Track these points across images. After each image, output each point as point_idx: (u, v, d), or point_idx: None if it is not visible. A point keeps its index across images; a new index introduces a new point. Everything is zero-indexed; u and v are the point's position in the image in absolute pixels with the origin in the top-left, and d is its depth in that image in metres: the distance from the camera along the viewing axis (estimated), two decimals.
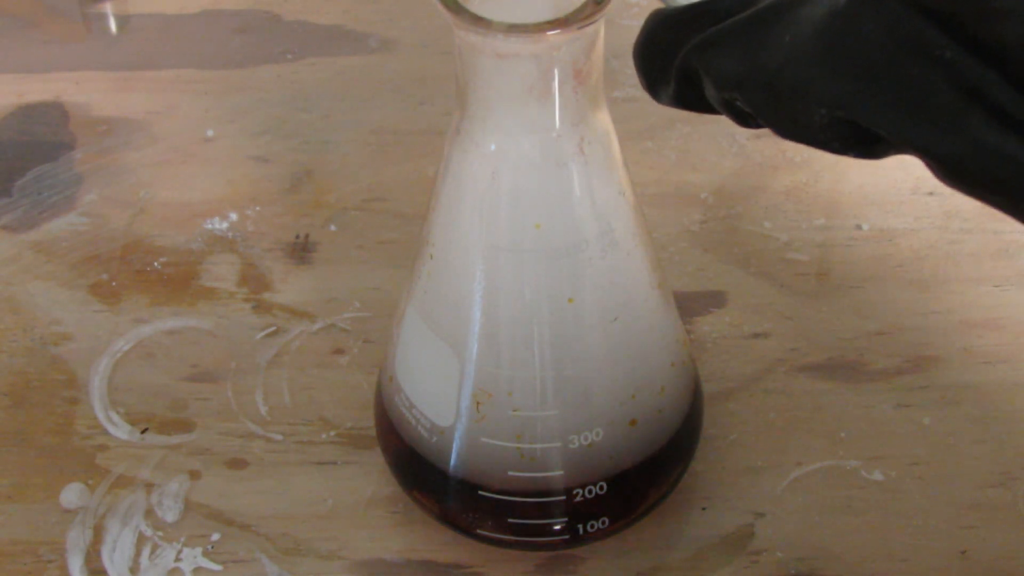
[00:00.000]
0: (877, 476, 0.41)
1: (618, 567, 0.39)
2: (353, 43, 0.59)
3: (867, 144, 0.25)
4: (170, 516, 0.41)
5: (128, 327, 0.47)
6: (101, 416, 0.44)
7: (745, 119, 0.27)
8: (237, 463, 0.42)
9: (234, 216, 0.50)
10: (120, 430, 0.43)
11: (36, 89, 0.57)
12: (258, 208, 0.51)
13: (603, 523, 0.38)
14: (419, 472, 0.39)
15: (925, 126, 0.23)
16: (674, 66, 0.27)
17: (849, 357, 0.45)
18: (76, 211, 0.51)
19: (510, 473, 0.37)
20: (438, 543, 0.40)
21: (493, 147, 0.32)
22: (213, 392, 0.44)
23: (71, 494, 0.42)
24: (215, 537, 0.40)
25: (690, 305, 0.46)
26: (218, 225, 0.50)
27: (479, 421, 0.36)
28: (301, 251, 0.49)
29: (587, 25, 0.29)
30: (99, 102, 0.56)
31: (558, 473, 0.37)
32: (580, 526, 0.38)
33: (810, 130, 0.25)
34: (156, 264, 0.49)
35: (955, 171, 0.23)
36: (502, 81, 0.31)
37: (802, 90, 0.25)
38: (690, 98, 0.28)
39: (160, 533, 0.40)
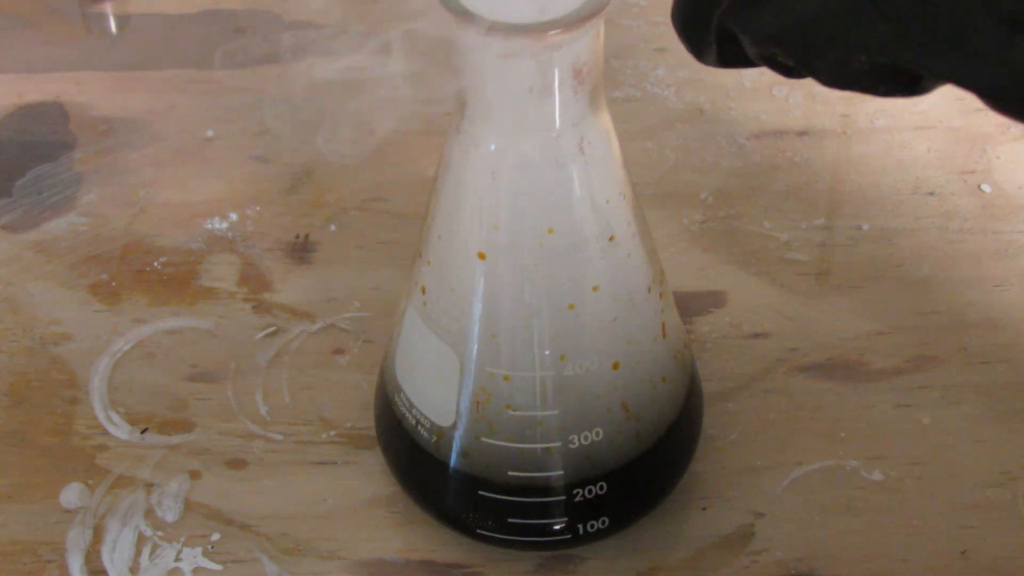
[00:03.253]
0: (877, 476, 0.41)
1: (618, 567, 0.39)
2: (353, 43, 0.59)
3: (911, 84, 0.25)
4: (170, 516, 0.41)
5: (128, 327, 0.47)
6: (101, 416, 0.44)
7: (788, 71, 0.27)
8: (237, 463, 0.42)
9: (234, 216, 0.50)
10: (120, 430, 0.43)
11: (36, 89, 0.57)
12: (258, 208, 0.51)
13: (603, 523, 0.38)
14: (419, 472, 0.39)
15: (967, 61, 0.23)
16: (711, 29, 0.28)
17: (849, 357, 0.45)
18: (76, 211, 0.51)
19: (510, 473, 0.37)
20: (438, 543, 0.40)
21: (493, 147, 0.32)
22: (213, 392, 0.44)
23: (71, 494, 0.42)
24: (215, 537, 0.40)
25: (690, 305, 0.46)
26: (218, 225, 0.50)
27: (479, 421, 0.36)
28: (301, 251, 0.49)
29: (587, 25, 0.29)
30: (99, 102, 0.56)
31: (558, 473, 0.37)
32: (580, 526, 0.38)
33: (853, 76, 0.25)
34: (156, 264, 0.49)
35: (1002, 100, 0.24)
36: (502, 81, 0.31)
37: (840, 39, 0.25)
38: (733, 57, 0.28)
39: (160, 533, 0.40)
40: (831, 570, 0.39)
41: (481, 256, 0.34)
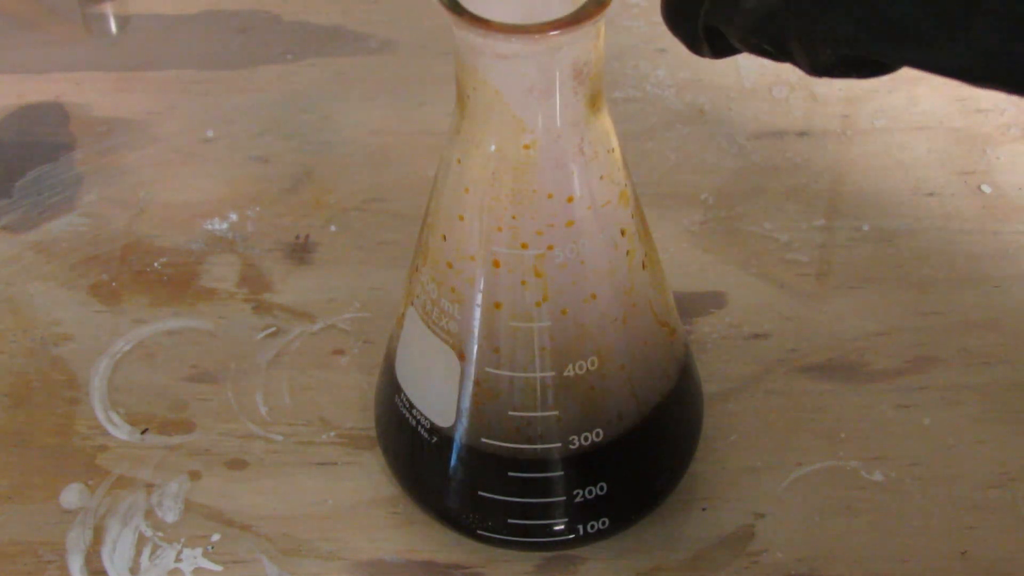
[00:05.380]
0: (877, 476, 0.41)
1: (618, 567, 0.39)
2: (353, 43, 0.59)
3: (878, 67, 0.26)
4: (170, 517, 0.41)
5: (128, 327, 0.47)
6: (101, 417, 0.44)
7: (774, 57, 0.28)
8: (237, 463, 0.42)
9: (234, 216, 0.50)
10: (120, 430, 0.43)
11: (36, 89, 0.57)
12: (258, 208, 0.51)
13: (603, 523, 0.38)
14: (419, 473, 0.39)
15: (929, 47, 0.24)
16: (699, 26, 0.29)
17: (849, 357, 0.45)
18: (76, 211, 0.51)
19: (510, 474, 0.37)
20: (438, 543, 0.40)
21: (493, 147, 0.32)
22: (213, 392, 0.44)
23: (71, 494, 0.42)
24: (215, 538, 0.40)
25: (690, 305, 0.46)
26: (218, 225, 0.50)
27: (479, 421, 0.36)
28: (301, 252, 0.49)
29: (587, 26, 0.29)
30: (99, 102, 0.56)
31: (558, 474, 0.37)
32: (580, 527, 0.38)
33: (825, 66, 0.26)
34: (156, 264, 0.49)
35: (972, 81, 0.24)
36: (502, 81, 0.31)
37: (806, 33, 0.26)
38: (724, 49, 0.29)
39: (160, 534, 0.40)
40: (831, 570, 0.39)
41: (481, 256, 0.34)
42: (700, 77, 0.55)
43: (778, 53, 0.27)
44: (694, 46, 0.30)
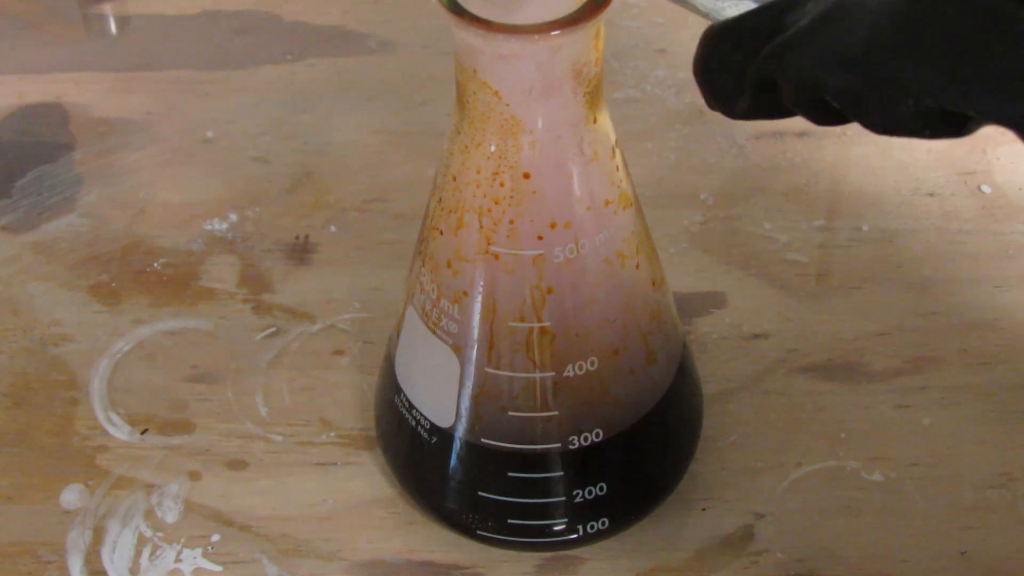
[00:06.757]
0: (877, 477, 0.41)
1: (618, 567, 0.39)
2: (353, 43, 0.59)
3: (957, 126, 0.24)
4: (170, 517, 0.41)
5: (128, 328, 0.47)
6: (101, 417, 0.44)
7: (829, 118, 0.26)
8: (237, 464, 0.42)
9: (234, 217, 0.50)
10: (120, 431, 0.43)
11: (36, 90, 0.57)
12: (258, 209, 0.51)
13: (603, 524, 0.38)
14: (419, 473, 0.39)
15: (1017, 102, 0.23)
16: (747, 78, 0.27)
17: (849, 358, 0.45)
18: (76, 212, 0.51)
19: (510, 474, 0.37)
20: (438, 544, 0.40)
21: (493, 147, 0.32)
22: (213, 393, 0.44)
23: (71, 495, 0.42)
24: (215, 538, 0.40)
25: (690, 305, 0.46)
26: (218, 226, 0.50)
27: (479, 422, 0.36)
28: (301, 252, 0.49)
29: (587, 26, 0.29)
30: (99, 103, 0.56)
31: (558, 474, 0.37)
32: (580, 527, 0.38)
33: (900, 121, 0.25)
34: (156, 265, 0.49)
35: None
36: (502, 82, 0.31)
37: (887, 82, 0.24)
38: (767, 107, 0.27)
39: (160, 534, 0.40)
40: (831, 571, 0.39)
41: (481, 257, 0.34)
42: None
43: (847, 107, 0.25)
44: (727, 101, 0.28)
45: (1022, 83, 0.23)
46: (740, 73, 0.27)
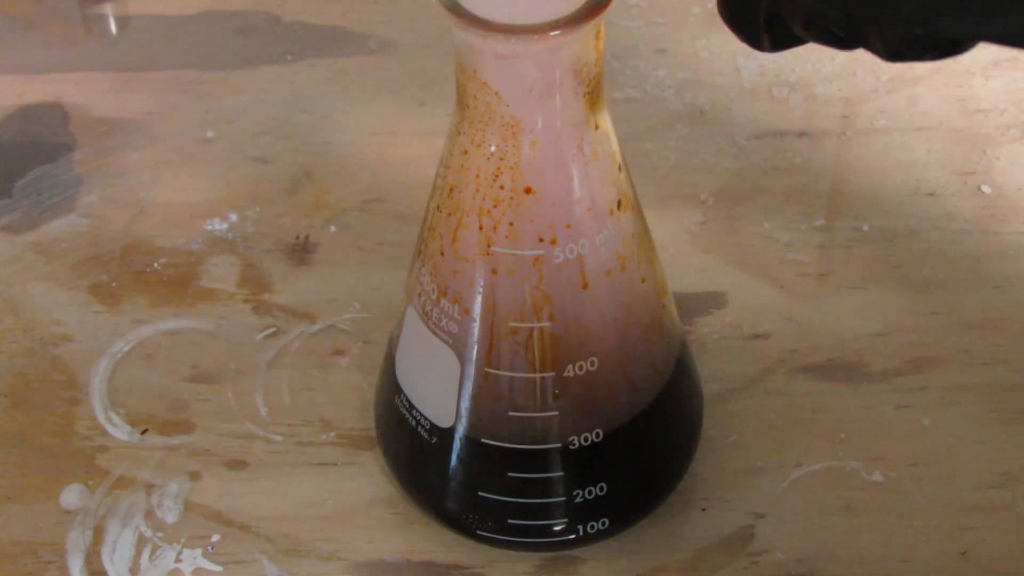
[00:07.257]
0: (877, 477, 0.41)
1: (618, 568, 0.39)
2: (353, 43, 0.59)
3: (953, 48, 0.26)
4: (170, 517, 0.41)
5: (128, 328, 0.47)
6: (101, 417, 0.44)
7: (843, 44, 0.28)
8: (237, 464, 0.42)
9: (234, 217, 0.50)
10: (120, 431, 0.43)
11: (36, 90, 0.57)
12: (258, 209, 0.51)
13: (603, 524, 0.38)
14: (419, 473, 0.39)
15: (1005, 22, 0.24)
16: (760, 16, 0.29)
17: (849, 358, 0.45)
18: (76, 212, 0.51)
19: (510, 474, 0.37)
20: (438, 544, 0.40)
21: (493, 148, 0.32)
22: (213, 393, 0.44)
23: (71, 495, 0.42)
24: (215, 538, 0.40)
25: (690, 305, 0.46)
26: (218, 226, 0.50)
27: (479, 422, 0.36)
28: (301, 252, 0.49)
29: (587, 26, 0.29)
30: (99, 103, 0.56)
31: (558, 474, 0.37)
32: (580, 527, 0.38)
33: (899, 48, 0.26)
34: (156, 265, 0.49)
35: None
36: (502, 82, 0.31)
37: (876, 15, 0.26)
38: (786, 39, 0.29)
39: (160, 534, 0.40)
40: (831, 571, 0.39)
41: (481, 257, 0.34)
42: (700, 77, 0.55)
43: (850, 38, 0.27)
44: (753, 39, 0.30)
45: (1010, 3, 0.24)
46: (755, 11, 0.29)
